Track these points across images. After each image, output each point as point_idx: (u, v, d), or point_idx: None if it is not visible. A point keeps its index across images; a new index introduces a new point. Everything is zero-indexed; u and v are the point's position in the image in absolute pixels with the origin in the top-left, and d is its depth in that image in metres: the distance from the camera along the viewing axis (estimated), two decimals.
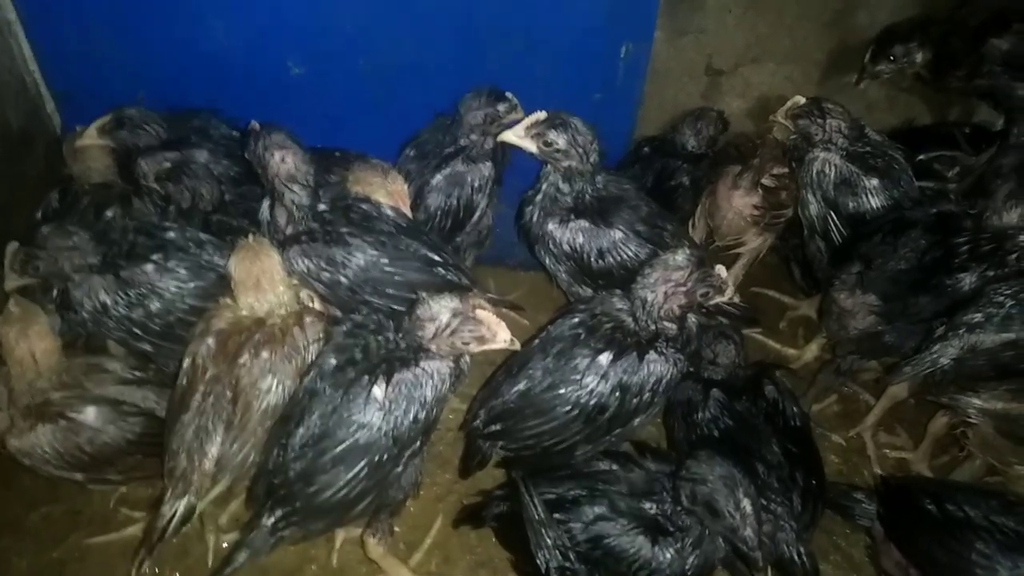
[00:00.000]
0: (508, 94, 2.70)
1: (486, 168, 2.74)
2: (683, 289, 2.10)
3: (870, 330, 2.56)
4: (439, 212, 2.75)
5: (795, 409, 2.38)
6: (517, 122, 2.46)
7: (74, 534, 2.48)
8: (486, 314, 1.94)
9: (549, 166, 2.47)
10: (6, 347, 2.15)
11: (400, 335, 2.00)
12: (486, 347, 1.96)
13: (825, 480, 2.31)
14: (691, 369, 2.39)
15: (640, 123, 3.12)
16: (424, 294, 1.98)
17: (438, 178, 2.72)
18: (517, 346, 2.00)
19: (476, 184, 2.73)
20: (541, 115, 2.38)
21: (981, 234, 2.40)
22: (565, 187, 2.47)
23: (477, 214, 2.81)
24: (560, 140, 2.35)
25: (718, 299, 2.14)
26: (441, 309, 1.93)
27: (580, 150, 2.38)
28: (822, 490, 2.26)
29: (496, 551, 2.42)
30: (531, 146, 2.39)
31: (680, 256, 2.12)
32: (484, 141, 2.73)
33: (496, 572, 2.41)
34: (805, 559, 2.11)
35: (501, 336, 1.94)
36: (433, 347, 1.95)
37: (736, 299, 2.23)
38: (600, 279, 2.52)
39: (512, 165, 2.85)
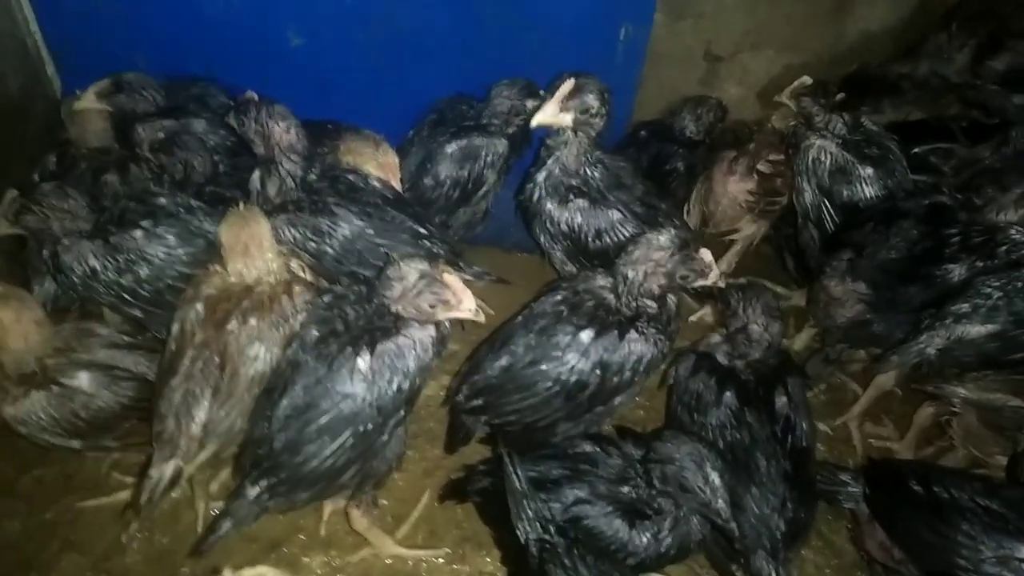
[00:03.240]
0: (541, 91, 2.72)
1: (501, 145, 2.75)
2: (663, 270, 2.11)
3: (858, 319, 2.58)
4: (449, 181, 2.76)
5: (804, 426, 2.24)
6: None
7: (66, 497, 2.51)
8: (453, 280, 1.95)
9: (564, 138, 2.46)
10: (1, 328, 2.16)
11: (371, 297, 2.01)
12: (451, 315, 1.97)
13: (815, 509, 2.26)
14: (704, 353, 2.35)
15: (637, 107, 3.12)
16: (395, 255, 1.99)
17: (453, 147, 2.73)
18: (481, 318, 2.00)
19: (489, 159, 2.75)
20: (568, 85, 2.36)
21: (973, 226, 2.40)
22: (573, 163, 2.47)
23: (483, 190, 2.83)
24: (596, 102, 2.36)
25: (701, 283, 2.15)
26: (410, 270, 1.94)
27: (607, 107, 2.40)
28: (809, 520, 2.23)
29: (482, 527, 2.43)
30: (567, 119, 2.38)
31: (664, 237, 2.13)
32: (504, 128, 2.76)
33: (481, 547, 2.43)
34: None
35: (466, 304, 1.95)
36: (400, 308, 1.96)
37: (723, 283, 2.21)
38: (595, 259, 2.53)
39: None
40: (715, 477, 1.87)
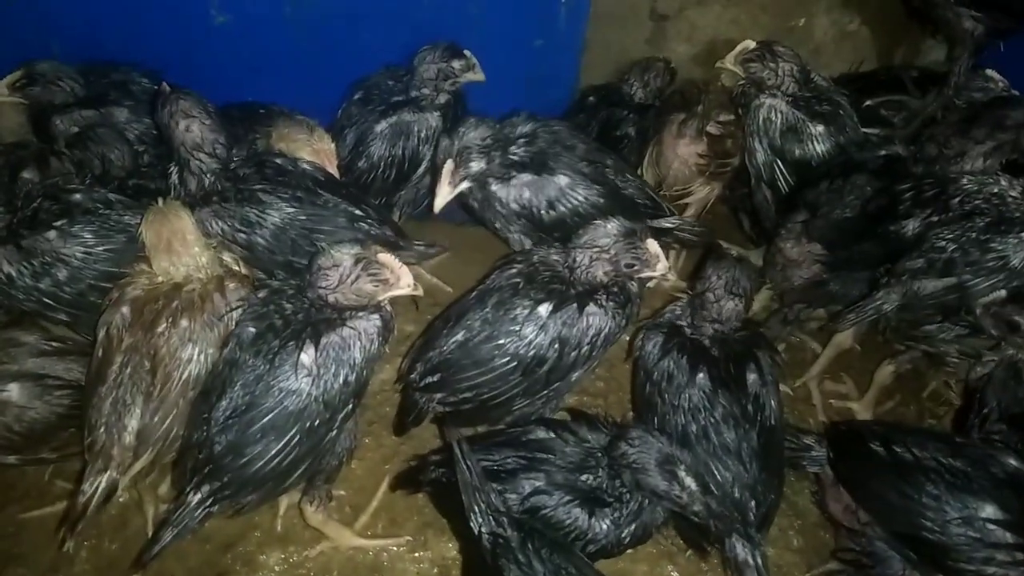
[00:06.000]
0: (466, 52, 2.64)
1: (433, 119, 2.67)
2: (606, 256, 2.11)
3: (815, 279, 2.56)
4: (383, 162, 2.67)
5: (774, 404, 2.20)
6: (472, 81, 2.53)
7: (7, 509, 2.41)
8: (388, 257, 1.94)
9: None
10: None
11: (306, 290, 1.96)
12: (391, 293, 1.95)
13: (782, 488, 2.24)
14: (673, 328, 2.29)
15: (584, 70, 3.04)
16: (323, 245, 1.95)
17: (383, 125, 2.64)
18: (420, 292, 2.01)
19: (423, 135, 2.67)
20: (447, 167, 2.34)
21: (925, 179, 2.37)
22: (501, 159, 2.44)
23: (422, 167, 2.73)
24: (480, 164, 2.35)
25: (648, 274, 2.14)
26: (343, 256, 1.91)
27: (499, 147, 2.38)
28: (778, 501, 2.20)
29: None
30: (466, 186, 2.39)
31: (611, 225, 2.13)
32: (435, 96, 2.66)
33: (443, 533, 2.38)
34: (760, 563, 2.08)
35: (404, 280, 1.95)
36: (338, 297, 1.92)
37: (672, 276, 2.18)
38: (555, 231, 2.47)
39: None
40: (691, 482, 1.85)
